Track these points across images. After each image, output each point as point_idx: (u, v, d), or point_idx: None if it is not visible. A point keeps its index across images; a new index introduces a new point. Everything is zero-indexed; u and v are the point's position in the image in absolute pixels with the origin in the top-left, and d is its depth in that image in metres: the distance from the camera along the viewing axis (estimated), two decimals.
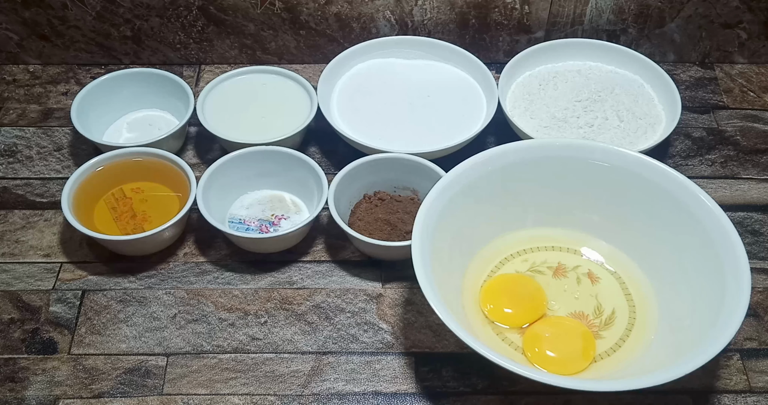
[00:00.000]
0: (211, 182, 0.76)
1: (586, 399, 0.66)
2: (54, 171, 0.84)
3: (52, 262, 0.76)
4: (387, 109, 0.86)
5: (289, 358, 0.70)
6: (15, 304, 0.73)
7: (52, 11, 0.89)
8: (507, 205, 0.73)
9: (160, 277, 0.75)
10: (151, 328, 0.71)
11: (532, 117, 0.85)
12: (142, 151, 0.79)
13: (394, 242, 0.72)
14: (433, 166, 0.75)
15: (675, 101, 0.84)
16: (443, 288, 0.63)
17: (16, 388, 0.67)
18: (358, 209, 0.78)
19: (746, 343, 0.70)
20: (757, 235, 0.79)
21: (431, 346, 0.71)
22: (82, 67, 0.95)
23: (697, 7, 0.90)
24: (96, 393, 0.67)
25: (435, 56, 0.91)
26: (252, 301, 0.74)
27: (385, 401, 0.67)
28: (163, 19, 0.90)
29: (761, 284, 0.75)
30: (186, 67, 0.95)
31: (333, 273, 0.76)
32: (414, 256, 0.62)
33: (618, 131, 0.83)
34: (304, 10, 0.89)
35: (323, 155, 0.86)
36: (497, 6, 0.90)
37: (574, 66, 0.91)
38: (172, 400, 0.67)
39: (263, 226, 0.78)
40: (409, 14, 0.90)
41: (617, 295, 0.71)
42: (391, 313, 0.73)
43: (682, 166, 0.85)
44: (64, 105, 0.91)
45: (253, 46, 0.94)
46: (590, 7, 0.90)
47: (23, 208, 0.81)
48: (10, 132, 0.88)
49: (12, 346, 0.70)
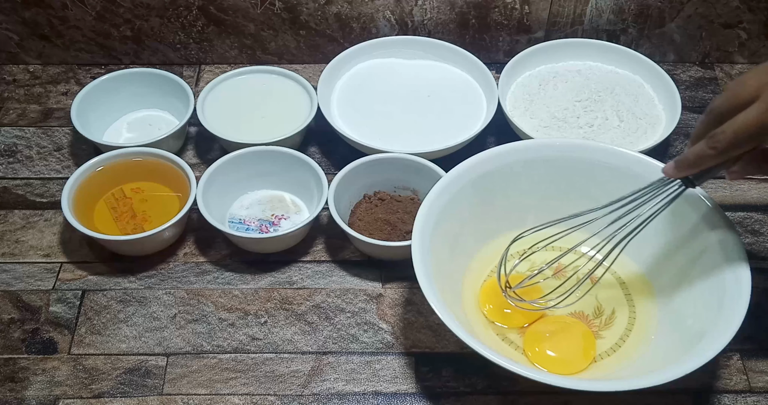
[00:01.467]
0: (211, 182, 0.76)
1: (586, 399, 0.66)
2: (54, 171, 0.84)
3: (52, 262, 0.76)
4: (387, 109, 0.86)
5: (289, 358, 0.70)
6: (15, 304, 0.73)
7: (52, 11, 0.89)
8: (507, 205, 0.73)
9: (160, 277, 0.75)
10: (151, 328, 0.71)
11: (532, 117, 0.85)
12: (142, 151, 0.79)
13: (394, 242, 0.72)
14: (433, 166, 0.75)
15: (675, 101, 0.84)
16: (443, 288, 0.63)
17: (16, 388, 0.67)
18: (358, 209, 0.78)
19: (746, 343, 0.70)
20: (757, 235, 0.79)
21: (431, 346, 0.71)
22: (82, 67, 0.95)
23: (697, 7, 0.90)
24: (96, 393, 0.67)
25: (435, 56, 0.91)
26: (252, 301, 0.74)
27: (385, 401, 0.67)
28: (163, 19, 0.90)
29: (761, 284, 0.75)
30: (186, 67, 0.95)
31: (333, 273, 0.76)
32: (414, 256, 0.62)
33: (618, 131, 0.83)
34: (304, 10, 0.89)
35: (323, 155, 0.86)
36: (497, 6, 0.90)
37: (574, 66, 0.91)
38: (172, 400, 0.67)
39: (263, 226, 0.78)
40: (409, 14, 0.90)
41: (617, 295, 0.71)
42: (391, 313, 0.73)
43: None
44: (64, 105, 0.91)
45: (253, 46, 0.94)
46: (590, 7, 0.90)
47: (23, 208, 0.81)
48: (10, 132, 0.88)
49: (12, 346, 0.70)
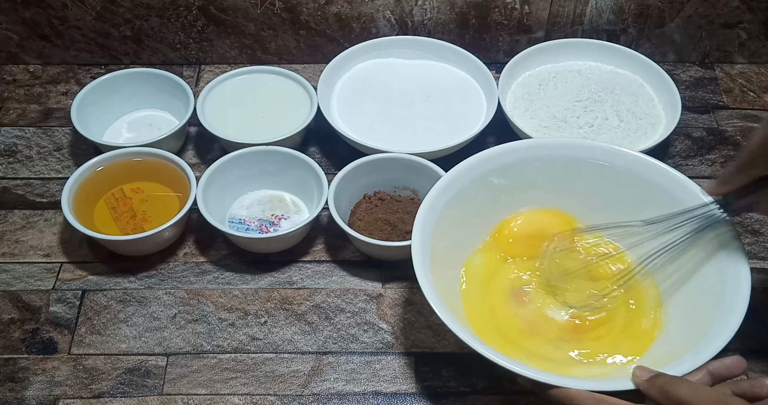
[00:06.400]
0: (211, 182, 0.76)
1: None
2: (54, 171, 0.84)
3: (52, 262, 0.76)
4: (387, 109, 0.86)
5: (289, 358, 0.70)
6: (15, 304, 0.73)
7: (52, 11, 0.89)
8: (507, 205, 0.73)
9: (160, 277, 0.75)
10: (151, 328, 0.71)
11: (532, 117, 0.85)
12: (142, 151, 0.79)
13: (394, 242, 0.72)
14: (433, 166, 0.75)
15: (675, 101, 0.84)
16: (443, 288, 0.63)
17: (16, 388, 0.67)
18: (358, 209, 0.78)
19: (746, 343, 0.70)
20: (757, 235, 0.79)
21: (431, 346, 0.71)
22: (82, 67, 0.95)
23: (697, 7, 0.90)
24: (96, 393, 0.67)
25: (435, 56, 0.91)
26: (252, 301, 0.74)
27: (385, 401, 0.67)
28: (163, 19, 0.90)
29: (761, 284, 0.75)
30: (186, 67, 0.95)
31: (333, 273, 0.76)
32: (414, 256, 0.62)
33: (618, 131, 0.83)
34: (304, 10, 0.89)
35: (323, 155, 0.86)
36: (497, 6, 0.90)
37: (574, 66, 0.91)
38: (172, 400, 0.67)
39: (263, 226, 0.78)
40: (409, 14, 0.90)
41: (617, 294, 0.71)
42: (391, 313, 0.73)
43: (682, 166, 0.85)
44: (64, 105, 0.91)
45: (253, 46, 0.94)
46: (590, 7, 0.90)
47: (23, 208, 0.81)
48: (10, 132, 0.88)
49: (12, 346, 0.70)
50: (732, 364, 0.55)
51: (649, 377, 0.54)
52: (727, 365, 0.55)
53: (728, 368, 0.55)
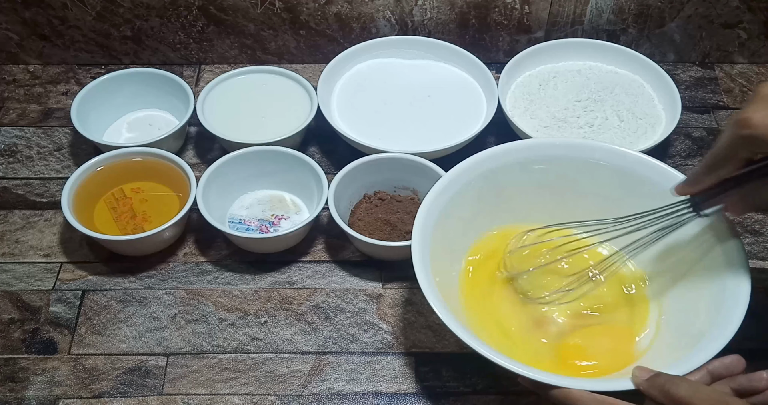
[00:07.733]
0: (211, 182, 0.76)
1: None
2: (54, 171, 0.84)
3: (52, 262, 0.76)
4: (387, 109, 0.86)
5: (289, 358, 0.70)
6: (15, 304, 0.73)
7: (52, 11, 0.89)
8: (507, 205, 0.73)
9: (160, 277, 0.75)
10: (151, 328, 0.72)
11: (532, 117, 0.85)
12: (142, 151, 0.79)
13: (394, 242, 0.72)
14: (433, 166, 0.75)
15: (675, 101, 0.84)
16: (443, 288, 0.63)
17: (16, 388, 0.67)
18: (358, 209, 0.78)
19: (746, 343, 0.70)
20: (757, 235, 0.79)
21: (431, 346, 0.71)
22: (82, 67, 0.95)
23: (697, 7, 0.90)
24: (96, 393, 0.67)
25: (435, 56, 0.91)
26: (252, 301, 0.74)
27: (385, 401, 0.67)
28: (163, 19, 0.90)
29: (761, 284, 0.75)
30: (186, 67, 0.95)
31: (333, 273, 0.76)
32: (414, 256, 0.62)
33: (618, 131, 0.83)
34: (304, 10, 0.89)
35: (323, 155, 0.86)
36: (497, 6, 0.90)
37: (574, 66, 0.91)
38: (172, 400, 0.67)
39: (263, 226, 0.78)
40: (409, 14, 0.91)
41: (617, 294, 0.71)
42: (391, 313, 0.73)
43: (682, 166, 0.85)
44: (64, 105, 0.91)
45: (253, 46, 0.94)
46: (590, 7, 0.90)
47: (23, 208, 0.81)
48: (10, 132, 0.88)
49: (12, 346, 0.70)
50: (732, 363, 0.55)
51: (649, 377, 0.54)
52: (726, 365, 0.55)
53: (728, 368, 0.55)
